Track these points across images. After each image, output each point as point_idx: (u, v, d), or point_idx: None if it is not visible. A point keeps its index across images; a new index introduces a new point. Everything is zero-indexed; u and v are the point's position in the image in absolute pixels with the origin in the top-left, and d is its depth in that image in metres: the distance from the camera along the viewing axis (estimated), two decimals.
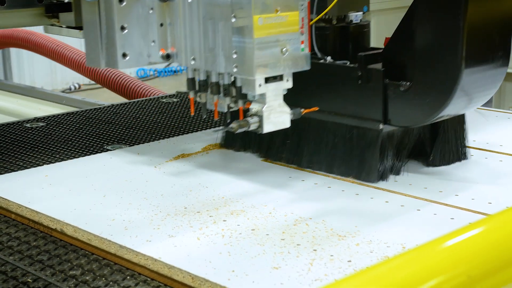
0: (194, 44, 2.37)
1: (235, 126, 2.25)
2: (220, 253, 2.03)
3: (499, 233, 1.49)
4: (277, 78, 2.29)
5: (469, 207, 2.33)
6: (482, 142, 2.96)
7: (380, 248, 2.03)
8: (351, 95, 2.53)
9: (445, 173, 2.65)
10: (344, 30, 2.66)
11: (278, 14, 2.22)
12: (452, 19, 2.33)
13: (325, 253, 2.01)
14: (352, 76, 2.52)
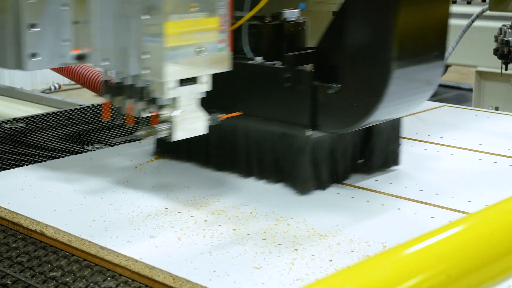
0: (107, 43, 1.83)
1: (141, 134, 1.76)
2: (201, 253, 1.74)
3: (479, 231, 1.24)
4: (192, 81, 1.76)
5: (449, 205, 1.99)
6: (462, 141, 2.58)
7: (361, 247, 1.76)
8: (279, 98, 2.01)
9: (426, 171, 2.28)
10: (278, 28, 2.12)
11: (194, 11, 1.71)
12: (383, 18, 1.83)
13: (306, 252, 1.73)
14: (281, 78, 1.99)
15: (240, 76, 2.04)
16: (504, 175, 2.23)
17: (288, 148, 2.01)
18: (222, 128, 1.94)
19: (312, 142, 1.97)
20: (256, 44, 2.09)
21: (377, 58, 1.83)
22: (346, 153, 2.08)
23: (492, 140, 2.57)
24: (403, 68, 1.84)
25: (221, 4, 1.75)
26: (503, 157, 2.38)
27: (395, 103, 1.89)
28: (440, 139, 2.56)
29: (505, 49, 3.49)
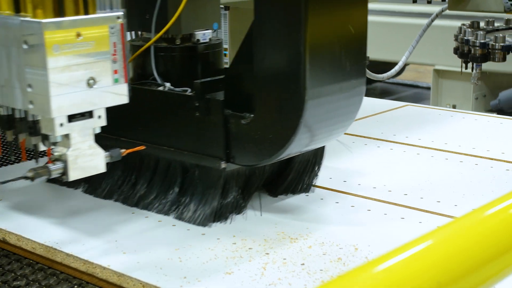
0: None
1: (31, 175, 1.58)
2: (170, 259, 1.67)
3: (466, 236, 1.18)
4: (86, 115, 1.58)
5: (418, 206, 1.96)
6: (428, 140, 2.54)
7: (332, 250, 1.71)
8: (190, 128, 1.84)
9: (394, 171, 2.24)
10: (189, 51, 1.94)
11: (81, 39, 1.52)
12: (292, 42, 1.64)
13: (278, 256, 1.68)
14: (190, 106, 1.82)
15: (148, 103, 1.88)
16: (471, 174, 2.20)
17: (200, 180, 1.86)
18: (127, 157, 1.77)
19: (225, 175, 1.82)
20: (166, 69, 1.94)
21: (289, 86, 1.67)
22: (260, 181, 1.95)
23: (457, 139, 2.56)
24: (319, 98, 1.68)
25: (113, 29, 1.59)
26: (468, 156, 2.37)
27: (314, 133, 1.73)
28: (405, 138, 2.55)
29: (465, 48, 3.39)
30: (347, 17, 1.73)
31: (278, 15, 1.65)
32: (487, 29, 3.53)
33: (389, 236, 1.75)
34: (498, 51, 3.21)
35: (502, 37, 3.22)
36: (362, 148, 2.43)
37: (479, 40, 3.28)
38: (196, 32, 1.96)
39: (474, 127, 2.73)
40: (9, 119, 1.71)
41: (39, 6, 1.52)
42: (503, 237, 1.17)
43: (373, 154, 2.36)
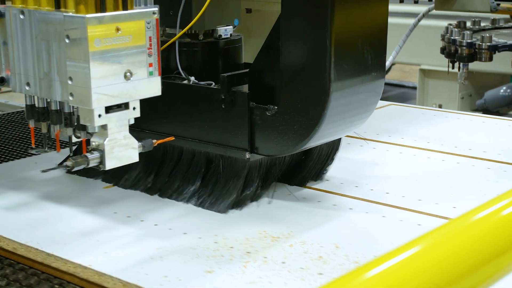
0: (28, 67, 1.73)
1: (70, 164, 1.64)
2: (152, 258, 1.68)
3: (461, 238, 1.18)
4: (122, 107, 1.66)
5: (400, 205, 1.98)
6: (410, 140, 2.57)
7: (314, 249, 1.72)
8: (215, 120, 1.92)
9: (376, 170, 2.26)
10: (212, 46, 2.04)
11: (120, 34, 1.61)
12: (318, 36, 1.72)
13: (259, 255, 1.69)
14: (216, 99, 1.91)
15: (174, 97, 1.96)
16: (453, 173, 2.24)
17: (224, 170, 1.95)
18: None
19: (249, 165, 1.91)
20: (189, 63, 2.02)
21: (314, 79, 1.76)
22: (280, 171, 2.04)
23: (439, 138, 2.59)
24: (342, 90, 1.77)
25: (149, 24, 1.67)
26: (450, 155, 2.40)
27: (336, 124, 1.83)
28: (388, 137, 2.58)
29: (452, 48, 3.49)
30: (369, 11, 1.83)
31: (305, 10, 1.75)
32: (473, 29, 3.65)
33: (371, 234, 1.80)
34: (485, 51, 3.33)
35: (489, 37, 3.34)
36: (345, 147, 2.43)
37: (466, 40, 3.39)
38: (218, 28, 2.04)
39: (457, 126, 2.77)
40: (44, 111, 1.79)
41: (82, 2, 1.60)
42: (494, 241, 1.17)
43: (356, 152, 2.39)
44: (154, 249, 1.72)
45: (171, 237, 1.78)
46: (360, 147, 2.46)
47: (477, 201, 1.93)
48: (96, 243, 1.75)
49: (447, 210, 1.92)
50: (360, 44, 1.80)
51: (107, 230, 1.82)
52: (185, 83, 1.99)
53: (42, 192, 2.07)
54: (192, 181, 2.00)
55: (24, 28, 1.72)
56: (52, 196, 2.04)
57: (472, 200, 1.99)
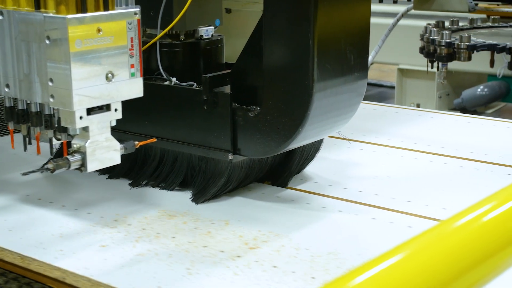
0: (7, 68, 1.70)
1: (52, 167, 1.61)
2: (138, 262, 1.67)
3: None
4: (103, 109, 1.64)
5: (389, 206, 1.97)
6: (397, 140, 2.56)
7: (305, 253, 1.70)
8: (197, 121, 1.91)
9: (364, 172, 2.25)
10: (193, 46, 2.03)
11: (101, 34, 1.59)
12: (301, 36, 1.72)
13: (249, 259, 1.67)
14: (198, 100, 1.90)
15: (155, 98, 1.95)
16: (441, 174, 2.24)
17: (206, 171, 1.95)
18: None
19: (231, 166, 1.90)
20: (170, 64, 2.00)
21: (297, 79, 1.76)
22: (262, 171, 2.04)
23: (426, 139, 2.59)
24: (325, 90, 1.77)
25: (131, 25, 1.65)
26: (438, 156, 2.40)
27: (319, 125, 1.82)
28: (375, 138, 2.57)
29: (431, 47, 3.50)
30: (352, 11, 1.83)
31: (288, 10, 1.74)
32: (452, 28, 3.67)
33: (361, 237, 1.79)
34: (464, 51, 3.34)
35: (468, 36, 3.35)
36: (332, 148, 2.45)
37: (444, 39, 3.40)
38: (199, 28, 2.03)
39: (443, 126, 2.77)
40: (24, 113, 1.77)
41: (62, 3, 1.58)
42: (480, 246, 1.16)
43: (343, 153, 2.38)
44: (140, 252, 1.69)
45: (159, 240, 1.75)
46: (347, 148, 2.45)
47: (467, 202, 1.94)
48: (80, 246, 1.73)
49: (437, 212, 1.92)
50: (343, 44, 1.80)
51: (89, 233, 1.80)
52: (166, 84, 1.97)
53: (20, 194, 2.04)
54: (174, 182, 2.01)
55: (3, 29, 1.69)
56: (31, 198, 2.01)
57: (462, 201, 2.00)
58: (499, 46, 3.27)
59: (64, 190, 2.08)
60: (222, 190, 1.97)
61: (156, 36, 1.97)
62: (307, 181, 2.13)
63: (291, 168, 2.06)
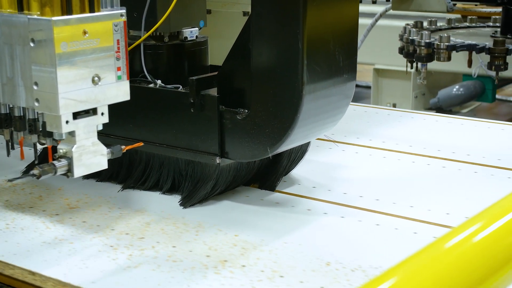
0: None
1: (37, 172, 1.58)
2: (124, 269, 1.63)
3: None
4: (90, 112, 1.61)
5: (375, 208, 1.96)
6: (379, 141, 2.55)
7: (292, 256, 1.69)
8: (184, 125, 1.89)
9: (347, 173, 2.24)
10: (177, 48, 2.00)
11: (87, 37, 1.55)
12: (290, 37, 1.70)
13: (236, 263, 1.65)
14: (184, 103, 1.87)
15: (140, 101, 1.91)
16: (424, 175, 2.23)
17: (193, 175, 1.93)
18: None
19: (219, 170, 1.88)
20: (154, 66, 1.98)
21: (286, 81, 1.73)
22: (249, 174, 2.02)
23: (408, 139, 2.58)
24: (314, 92, 1.75)
25: (117, 27, 1.62)
26: (420, 157, 2.39)
27: (308, 128, 1.80)
28: (356, 139, 2.56)
29: (410, 48, 3.51)
30: (341, 11, 1.81)
31: (276, 11, 1.72)
32: (430, 28, 3.67)
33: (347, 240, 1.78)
34: (444, 51, 3.34)
35: (447, 36, 3.35)
36: (314, 150, 2.43)
37: (424, 40, 3.41)
38: (184, 29, 2.00)
39: (424, 127, 2.77)
40: (7, 117, 1.73)
41: (47, 4, 1.54)
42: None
43: (325, 155, 2.37)
44: (126, 259, 1.66)
45: (143, 246, 1.72)
46: (329, 149, 2.43)
47: (453, 203, 1.96)
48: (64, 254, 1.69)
49: (423, 213, 1.92)
50: (332, 46, 1.78)
51: (77, 240, 1.76)
52: (151, 86, 1.94)
53: (1, 200, 2.00)
54: (161, 187, 1.99)
55: None
56: (12, 204, 1.97)
57: (446, 202, 1.99)
58: (478, 46, 3.28)
59: (45, 195, 2.04)
60: (210, 194, 1.94)
61: (139, 38, 1.94)
62: (292, 184, 2.10)
63: (278, 171, 2.04)
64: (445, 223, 1.84)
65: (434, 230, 1.81)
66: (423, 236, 1.77)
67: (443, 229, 1.81)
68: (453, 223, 1.84)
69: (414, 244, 1.71)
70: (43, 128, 1.67)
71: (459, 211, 1.93)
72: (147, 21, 1.93)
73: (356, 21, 1.85)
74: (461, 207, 1.96)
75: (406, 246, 1.71)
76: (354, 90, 1.89)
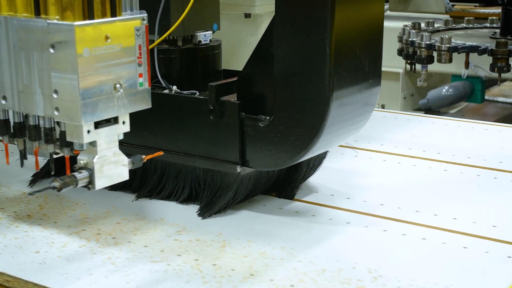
0: (4, 79, 1.60)
1: (58, 185, 1.51)
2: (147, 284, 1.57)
3: None
4: (111, 121, 1.55)
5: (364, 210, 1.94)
6: (405, 148, 2.50)
7: (324, 268, 1.64)
8: (203, 132, 1.83)
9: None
10: (191, 52, 1.95)
11: (109, 42, 1.49)
12: (317, 41, 1.64)
13: (264, 277, 1.58)
14: (203, 110, 1.82)
15: (156, 107, 1.85)
16: (442, 181, 2.19)
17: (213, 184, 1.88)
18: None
19: (240, 179, 1.82)
20: (167, 71, 1.93)
21: (313, 87, 1.68)
22: (268, 183, 1.98)
23: (421, 144, 2.54)
24: (342, 98, 1.71)
25: (138, 33, 1.56)
26: (436, 162, 2.35)
27: (333, 134, 1.76)
28: (368, 144, 2.53)
29: (410, 49, 3.46)
30: (366, 13, 1.77)
31: (302, 14, 1.66)
32: (428, 30, 3.64)
33: (376, 251, 1.74)
34: (445, 52, 3.31)
35: (448, 38, 3.32)
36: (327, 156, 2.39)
37: (424, 41, 3.37)
38: (197, 33, 1.95)
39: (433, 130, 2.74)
40: (21, 126, 1.67)
41: (69, 8, 1.47)
42: None
43: (339, 162, 2.33)
44: (148, 273, 1.60)
45: (165, 259, 1.67)
46: (341, 155, 2.40)
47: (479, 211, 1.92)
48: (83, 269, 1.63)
49: (448, 222, 1.88)
50: (358, 50, 1.74)
51: (93, 254, 1.70)
52: (167, 92, 1.89)
53: (12, 212, 1.93)
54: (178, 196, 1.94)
55: None
56: (24, 216, 1.90)
57: (472, 210, 1.96)
58: (480, 48, 3.25)
59: (56, 205, 1.97)
60: (229, 204, 1.89)
61: (153, 42, 1.88)
62: (309, 192, 2.06)
63: (297, 179, 1.99)
64: (472, 232, 1.81)
65: (462, 240, 1.78)
66: (452, 246, 1.74)
67: (471, 239, 1.77)
68: (481, 232, 1.80)
69: (444, 255, 1.69)
70: (60, 138, 1.61)
71: (486, 219, 1.90)
72: (160, 25, 1.87)
73: (381, 23, 1.80)
74: (487, 215, 1.93)
75: (437, 258, 1.68)
76: (378, 96, 1.84)
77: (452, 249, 1.72)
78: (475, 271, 1.62)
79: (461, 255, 1.70)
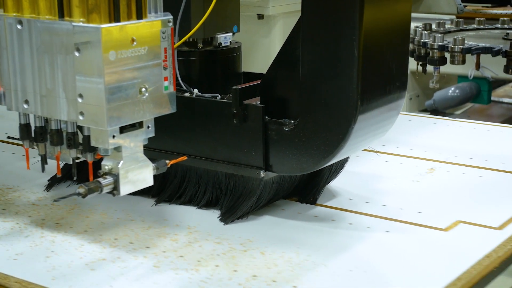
0: (27, 83, 1.59)
1: (83, 191, 1.51)
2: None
3: None
4: (136, 126, 1.55)
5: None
6: (421, 151, 2.49)
7: (351, 275, 1.62)
8: (225, 136, 1.81)
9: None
10: (212, 55, 1.93)
11: (135, 45, 1.49)
12: (345, 43, 1.62)
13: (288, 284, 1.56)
14: (226, 113, 1.80)
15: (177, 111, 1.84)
16: (460, 184, 2.17)
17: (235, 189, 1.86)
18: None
19: (263, 184, 1.81)
20: (187, 74, 1.91)
21: (341, 90, 1.66)
22: (291, 187, 1.96)
23: (437, 147, 2.52)
24: (370, 103, 1.69)
25: (163, 36, 1.54)
26: (454, 165, 2.33)
27: (360, 139, 1.75)
28: (383, 147, 2.50)
29: (422, 50, 3.45)
30: (394, 14, 1.75)
31: (330, 15, 1.65)
32: (439, 31, 3.63)
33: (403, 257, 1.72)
34: (458, 54, 3.30)
35: (462, 39, 3.31)
36: None
37: (437, 42, 3.35)
38: (218, 35, 1.94)
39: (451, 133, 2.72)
40: (42, 130, 1.65)
41: (95, 10, 1.45)
42: None
43: (355, 165, 2.30)
44: (171, 280, 1.58)
45: (186, 266, 1.64)
46: (357, 158, 2.37)
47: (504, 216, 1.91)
48: (105, 277, 1.60)
49: (469, 228, 1.85)
50: (386, 52, 1.72)
51: (114, 261, 1.68)
52: (188, 96, 1.87)
53: (28, 217, 1.91)
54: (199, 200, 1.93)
55: (22, 39, 1.57)
56: (41, 222, 1.88)
57: (494, 215, 1.93)
58: (494, 49, 3.24)
59: (73, 210, 1.95)
60: (252, 209, 1.87)
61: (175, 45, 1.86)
62: (328, 196, 2.04)
63: (320, 184, 1.97)
64: (497, 238, 1.79)
65: (484, 246, 1.75)
66: (475, 253, 1.71)
67: (493, 244, 1.76)
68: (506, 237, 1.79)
69: (469, 262, 1.67)
70: (83, 143, 1.59)
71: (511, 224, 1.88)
72: (180, 27, 1.85)
73: (409, 24, 1.79)
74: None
75: (462, 264, 1.65)
76: (404, 99, 1.82)
77: (475, 256, 1.70)
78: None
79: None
